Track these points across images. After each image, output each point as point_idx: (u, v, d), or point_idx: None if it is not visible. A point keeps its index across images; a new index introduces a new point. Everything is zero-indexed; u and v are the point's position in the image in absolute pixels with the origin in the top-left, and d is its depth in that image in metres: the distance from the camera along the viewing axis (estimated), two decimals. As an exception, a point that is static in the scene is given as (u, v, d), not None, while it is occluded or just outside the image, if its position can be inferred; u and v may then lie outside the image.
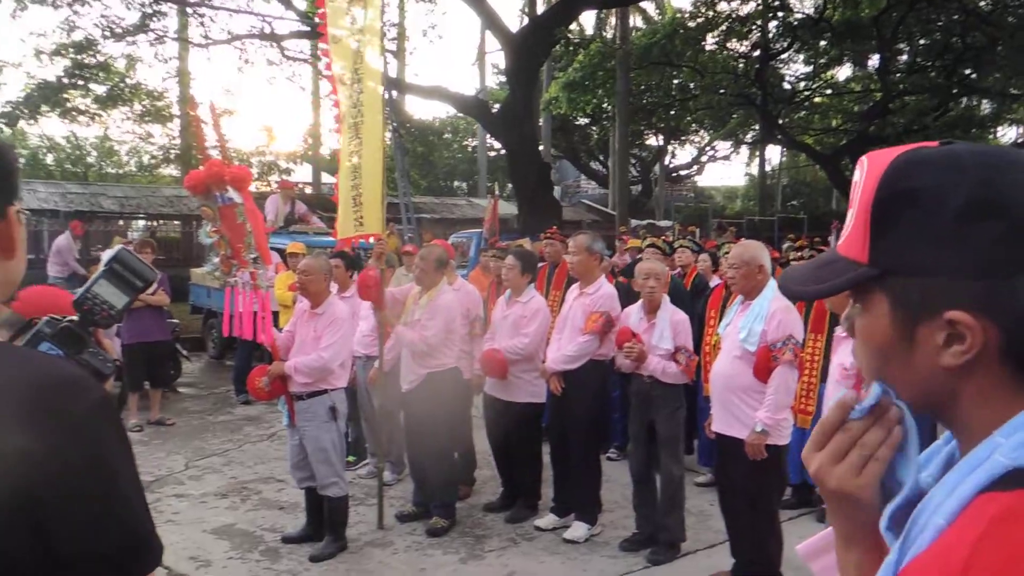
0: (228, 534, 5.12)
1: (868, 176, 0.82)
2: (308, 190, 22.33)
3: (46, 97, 17.18)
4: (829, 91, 26.53)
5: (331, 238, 6.15)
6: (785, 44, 22.95)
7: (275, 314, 6.70)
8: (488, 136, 24.31)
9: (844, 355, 3.84)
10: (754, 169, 34.85)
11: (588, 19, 26.61)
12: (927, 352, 0.78)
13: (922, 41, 22.35)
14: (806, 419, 5.27)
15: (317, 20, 5.66)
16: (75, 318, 1.29)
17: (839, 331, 3.64)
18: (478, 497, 5.83)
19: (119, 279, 1.34)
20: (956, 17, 19.46)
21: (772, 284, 4.21)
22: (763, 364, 4.02)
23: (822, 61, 24.80)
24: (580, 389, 5.03)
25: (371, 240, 5.59)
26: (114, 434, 1.05)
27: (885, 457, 0.84)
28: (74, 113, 19.87)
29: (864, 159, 0.85)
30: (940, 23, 20.43)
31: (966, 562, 0.66)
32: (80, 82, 17.78)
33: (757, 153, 32.50)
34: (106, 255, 1.36)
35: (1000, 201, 0.73)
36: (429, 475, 5.28)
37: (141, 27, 16.66)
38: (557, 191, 21.91)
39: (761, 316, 4.02)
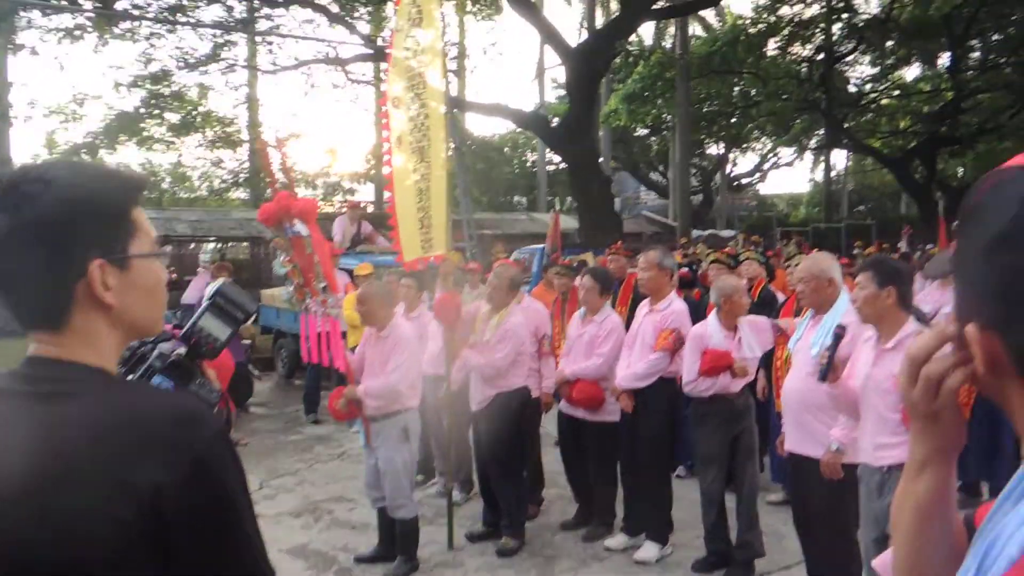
0: (303, 554, 5.22)
1: None
2: (371, 208, 22.74)
3: (124, 127, 17.94)
4: (897, 92, 25.82)
5: (397, 259, 6.23)
6: (850, 46, 22.50)
7: (344, 334, 6.82)
8: (548, 150, 24.37)
9: (892, 366, 3.62)
10: (819, 175, 34.14)
11: (647, 30, 26.56)
12: (976, 353, 0.82)
13: (995, 37, 21.59)
14: (884, 436, 5.11)
15: (381, 43, 5.76)
16: (183, 351, 1.35)
17: (886, 344, 3.55)
18: (546, 516, 5.82)
19: (222, 312, 1.40)
20: (1032, 11, 18.77)
21: (844, 298, 4.11)
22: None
23: (889, 62, 24.22)
24: (650, 407, 4.98)
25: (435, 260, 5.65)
26: (233, 466, 1.10)
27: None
28: (150, 141, 20.69)
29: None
30: (1014, 17, 19.69)
31: None
32: (156, 111, 18.52)
33: (822, 158, 31.82)
34: (209, 289, 1.44)
35: None
36: (499, 494, 5.30)
37: (213, 57, 17.34)
38: (617, 203, 21.81)
39: (833, 331, 3.92)
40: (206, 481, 1.05)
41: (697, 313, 5.77)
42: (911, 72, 26.88)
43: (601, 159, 20.04)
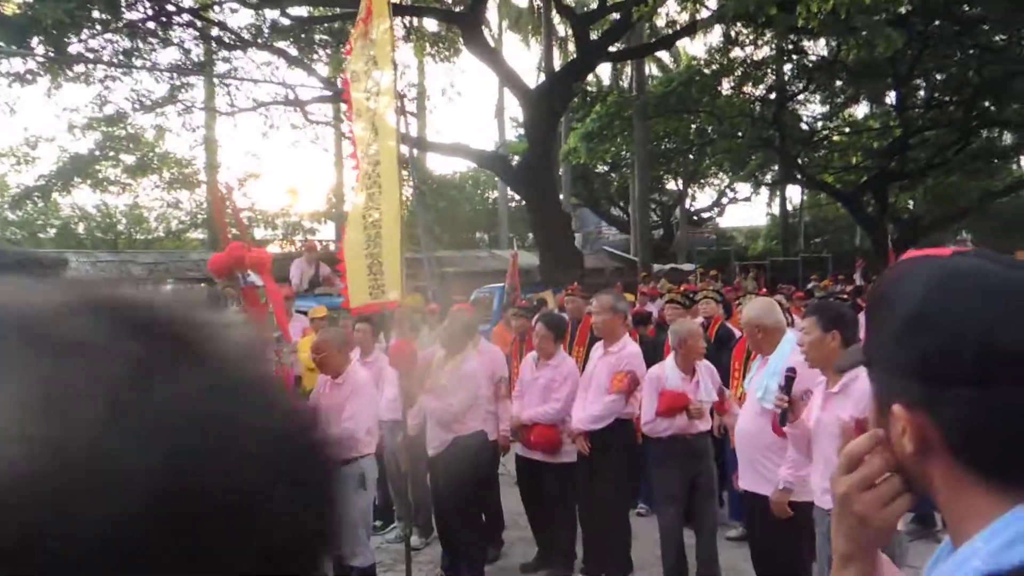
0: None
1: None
2: (332, 247, 22.64)
3: (78, 169, 17.68)
4: (847, 129, 26.57)
5: (343, 305, 6.07)
6: (801, 86, 23.13)
7: (299, 378, 6.75)
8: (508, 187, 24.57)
9: (839, 410, 3.64)
10: (775, 209, 34.79)
11: (604, 70, 27.06)
12: (895, 436, 0.84)
13: (939, 76, 22.37)
14: (832, 472, 5.18)
15: (340, 86, 5.77)
16: None
17: (832, 388, 3.61)
18: (507, 559, 5.78)
19: None
20: (971, 52, 19.49)
21: (789, 339, 4.20)
22: (783, 421, 3.98)
23: (839, 100, 24.93)
24: (607, 448, 5.01)
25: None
26: None
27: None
28: (105, 183, 20.42)
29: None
30: (956, 58, 20.44)
31: None
32: (111, 153, 18.29)
33: (777, 193, 32.47)
34: None
35: (938, 318, 0.80)
36: (458, 539, 5.25)
37: (170, 99, 17.22)
38: (578, 239, 22.00)
39: (777, 373, 3.99)
40: None
41: (654, 350, 5.83)
42: (860, 110, 27.72)
43: (561, 196, 20.24)
